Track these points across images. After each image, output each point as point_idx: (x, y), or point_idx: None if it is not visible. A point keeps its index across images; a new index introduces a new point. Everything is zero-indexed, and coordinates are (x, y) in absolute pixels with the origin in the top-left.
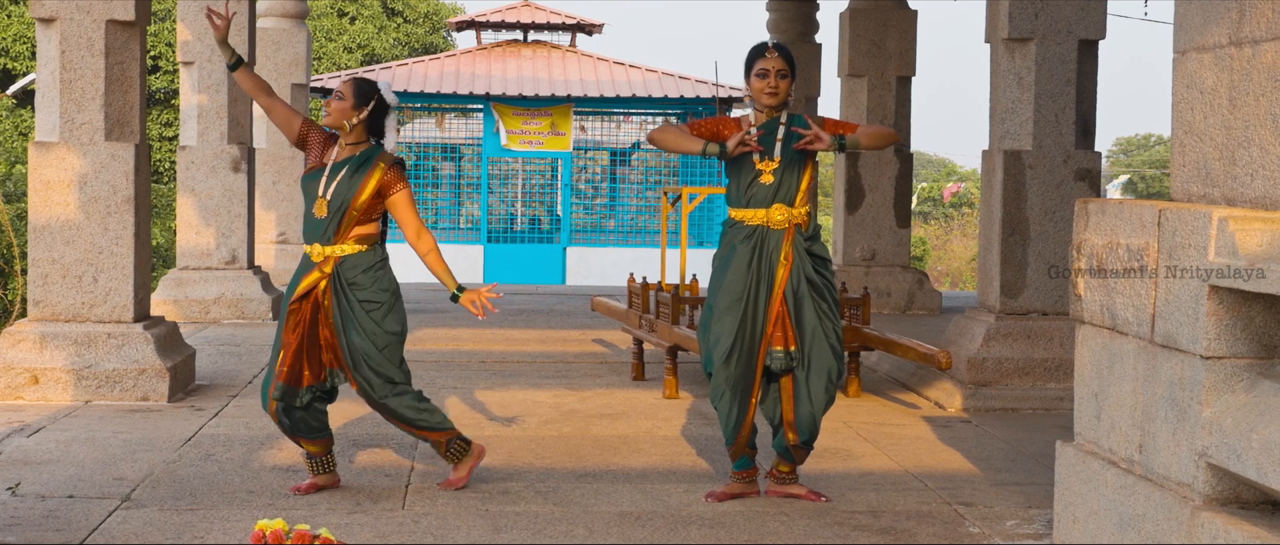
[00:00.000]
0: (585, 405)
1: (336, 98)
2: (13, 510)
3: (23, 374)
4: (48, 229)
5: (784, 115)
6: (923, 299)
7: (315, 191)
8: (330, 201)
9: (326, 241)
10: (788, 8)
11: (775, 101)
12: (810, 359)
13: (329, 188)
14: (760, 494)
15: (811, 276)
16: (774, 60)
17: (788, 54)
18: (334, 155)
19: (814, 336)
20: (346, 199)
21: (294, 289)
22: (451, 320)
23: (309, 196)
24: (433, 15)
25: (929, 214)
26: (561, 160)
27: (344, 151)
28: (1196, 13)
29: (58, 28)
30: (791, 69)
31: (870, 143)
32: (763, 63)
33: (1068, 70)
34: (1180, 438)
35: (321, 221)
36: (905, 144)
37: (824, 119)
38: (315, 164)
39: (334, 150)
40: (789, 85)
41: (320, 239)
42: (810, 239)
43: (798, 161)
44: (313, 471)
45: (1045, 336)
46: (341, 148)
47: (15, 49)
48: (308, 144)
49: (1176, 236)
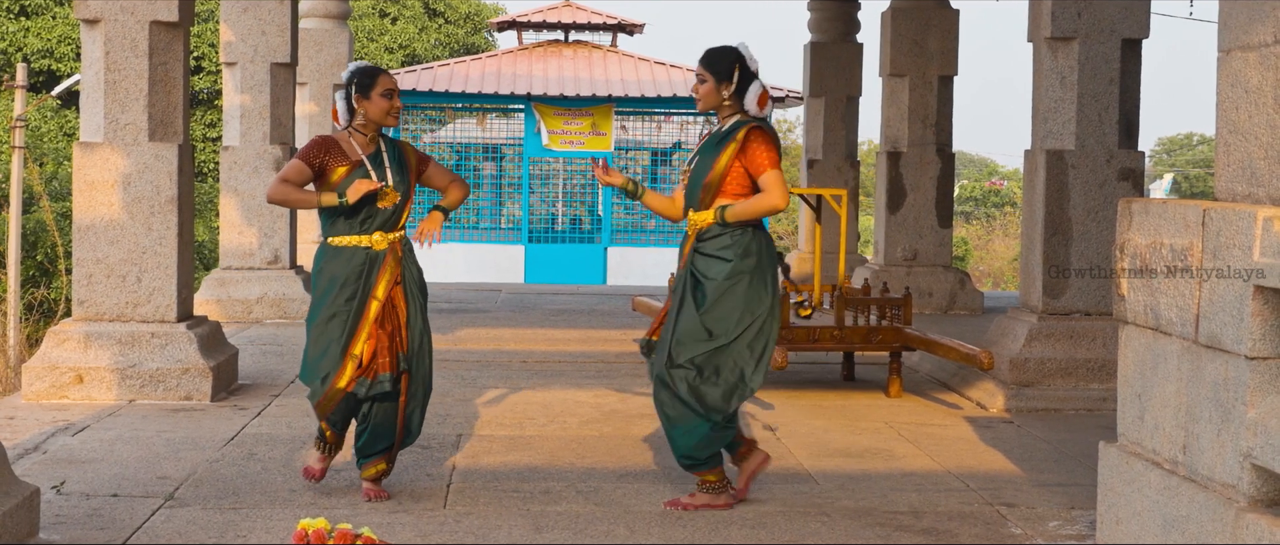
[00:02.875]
0: (626, 405)
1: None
2: (58, 508)
3: (68, 373)
4: (92, 229)
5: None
6: (964, 299)
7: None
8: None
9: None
10: (829, 7)
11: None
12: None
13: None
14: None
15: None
16: (392, 79)
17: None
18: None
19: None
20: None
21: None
22: (493, 321)
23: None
24: (474, 16)
25: (971, 214)
26: (603, 160)
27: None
28: (1241, 11)
29: (102, 29)
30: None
31: (658, 206)
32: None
33: (1111, 69)
34: (1224, 439)
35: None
36: (947, 144)
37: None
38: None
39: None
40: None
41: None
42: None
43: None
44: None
45: (1088, 337)
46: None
47: (60, 51)
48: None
49: (1221, 236)
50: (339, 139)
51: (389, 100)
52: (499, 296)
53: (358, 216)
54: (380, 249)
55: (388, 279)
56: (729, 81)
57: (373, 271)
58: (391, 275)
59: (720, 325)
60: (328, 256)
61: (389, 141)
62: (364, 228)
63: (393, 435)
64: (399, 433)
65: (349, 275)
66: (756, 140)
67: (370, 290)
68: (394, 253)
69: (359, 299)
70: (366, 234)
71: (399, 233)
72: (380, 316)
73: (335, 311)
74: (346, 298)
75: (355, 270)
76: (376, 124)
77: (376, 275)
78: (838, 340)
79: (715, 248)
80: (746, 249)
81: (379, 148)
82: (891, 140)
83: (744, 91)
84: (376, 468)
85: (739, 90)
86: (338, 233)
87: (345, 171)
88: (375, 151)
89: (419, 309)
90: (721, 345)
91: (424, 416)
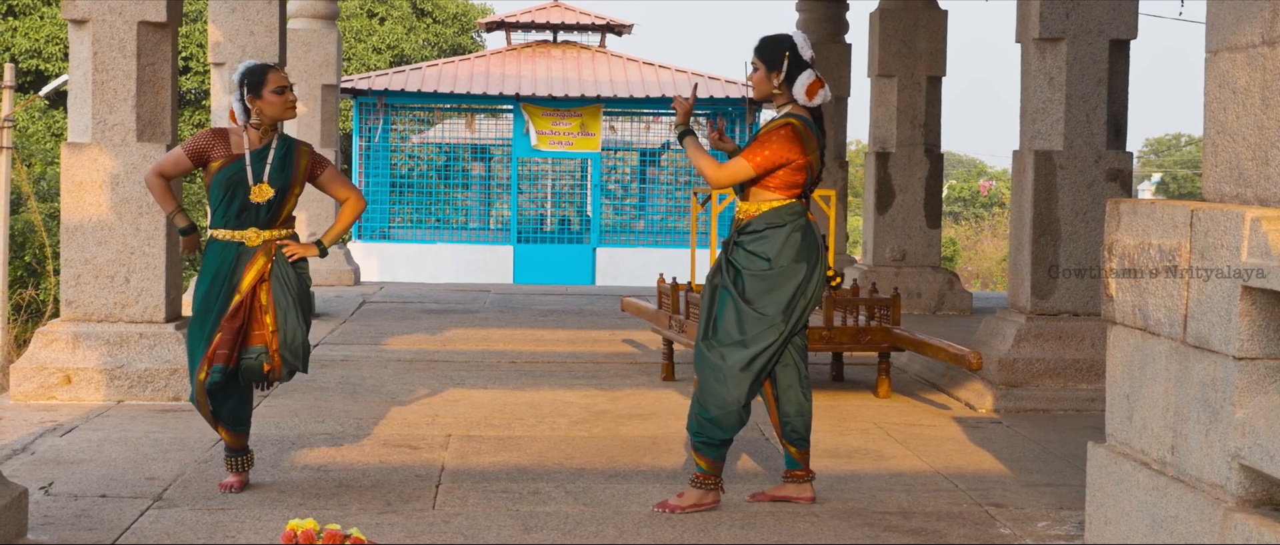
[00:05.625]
0: (615, 406)
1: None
2: (46, 509)
3: (56, 374)
4: (80, 229)
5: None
6: (953, 299)
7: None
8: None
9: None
10: (817, 7)
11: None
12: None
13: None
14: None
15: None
16: (285, 76)
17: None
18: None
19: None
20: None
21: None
22: (482, 322)
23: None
24: (462, 16)
25: (959, 214)
26: (591, 161)
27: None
28: (1229, 12)
29: (90, 29)
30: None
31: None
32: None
33: (1099, 70)
34: (1213, 439)
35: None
36: (935, 144)
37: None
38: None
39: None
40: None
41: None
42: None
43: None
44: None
45: (1076, 337)
46: None
47: (48, 50)
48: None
49: (1209, 237)
50: (232, 132)
51: (281, 95)
52: (488, 297)
53: (232, 211)
54: (253, 245)
55: (253, 275)
56: (779, 70)
57: (240, 266)
58: (258, 271)
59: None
60: (208, 250)
61: (283, 140)
62: (238, 223)
63: (246, 423)
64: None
65: (220, 269)
66: (764, 133)
67: (236, 284)
68: (267, 251)
69: (226, 292)
70: (241, 229)
71: (276, 231)
72: (234, 310)
73: (209, 305)
74: (217, 292)
75: (227, 264)
76: (273, 120)
77: (243, 270)
78: (826, 341)
79: (753, 244)
80: (781, 249)
81: (269, 144)
82: (880, 141)
83: (794, 80)
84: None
85: (789, 79)
86: (216, 226)
87: (221, 164)
88: (263, 147)
89: (289, 297)
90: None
91: (304, 360)
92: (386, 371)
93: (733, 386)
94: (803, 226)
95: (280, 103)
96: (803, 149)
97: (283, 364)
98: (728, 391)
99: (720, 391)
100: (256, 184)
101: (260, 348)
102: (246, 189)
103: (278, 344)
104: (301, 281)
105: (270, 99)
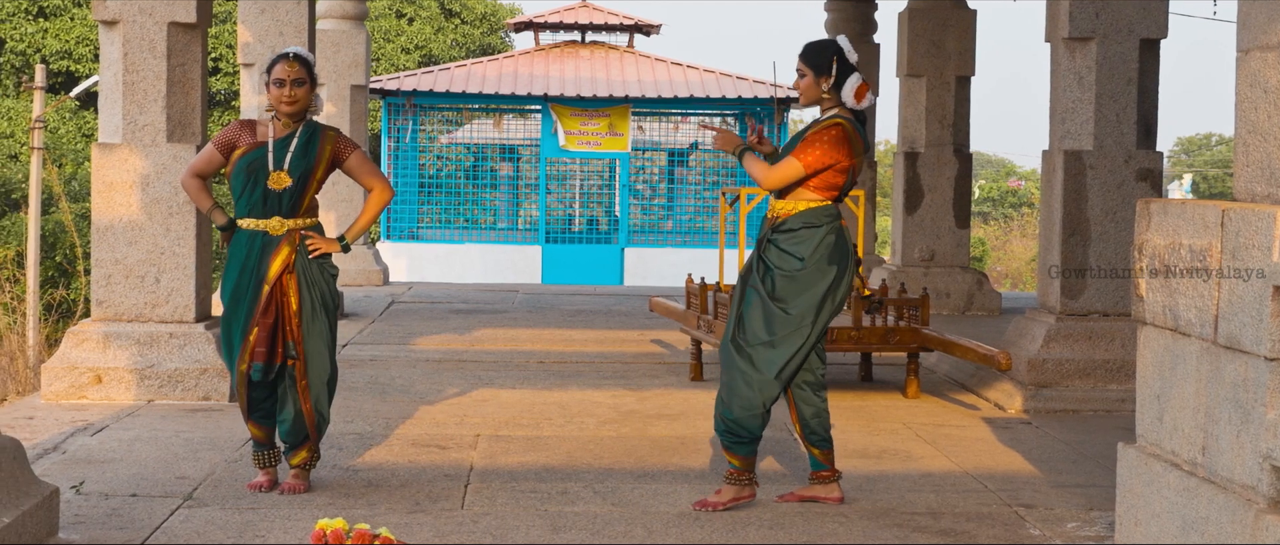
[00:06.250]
0: (644, 406)
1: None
2: (77, 508)
3: (87, 373)
4: (111, 230)
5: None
6: (982, 300)
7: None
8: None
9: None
10: (846, 7)
11: (295, 110)
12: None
13: None
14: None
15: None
16: (291, 68)
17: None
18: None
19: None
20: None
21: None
22: (510, 322)
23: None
24: (490, 16)
25: (989, 214)
26: (619, 161)
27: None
28: (1260, 11)
29: (120, 30)
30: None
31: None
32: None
33: (1129, 69)
34: (1244, 440)
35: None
36: (964, 144)
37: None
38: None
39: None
40: (308, 93)
41: None
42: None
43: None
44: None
45: (1106, 337)
46: None
47: (78, 52)
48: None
49: (1240, 237)
50: (259, 123)
51: (279, 88)
52: (516, 297)
53: (254, 198)
54: (277, 234)
55: (279, 264)
56: (827, 75)
57: (266, 256)
58: (284, 261)
59: (771, 324)
60: (234, 239)
61: (308, 126)
62: (263, 211)
63: (305, 425)
64: (310, 422)
65: (247, 260)
66: (813, 133)
67: (263, 274)
68: (291, 240)
69: (255, 283)
70: (265, 218)
71: (300, 220)
72: (265, 303)
73: (239, 296)
74: (246, 283)
75: (254, 254)
76: (274, 110)
77: (269, 259)
78: (855, 341)
79: (787, 242)
80: (815, 250)
81: (294, 133)
82: (909, 140)
83: (842, 84)
84: (298, 457)
85: (837, 84)
86: (240, 215)
87: (242, 152)
88: (287, 136)
89: (315, 300)
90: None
91: (330, 404)
92: (415, 371)
93: (760, 390)
94: (837, 230)
95: (275, 94)
96: (850, 151)
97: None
98: (754, 394)
99: (747, 394)
100: (275, 171)
101: (261, 365)
102: (266, 175)
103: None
104: (329, 284)
105: (270, 89)
